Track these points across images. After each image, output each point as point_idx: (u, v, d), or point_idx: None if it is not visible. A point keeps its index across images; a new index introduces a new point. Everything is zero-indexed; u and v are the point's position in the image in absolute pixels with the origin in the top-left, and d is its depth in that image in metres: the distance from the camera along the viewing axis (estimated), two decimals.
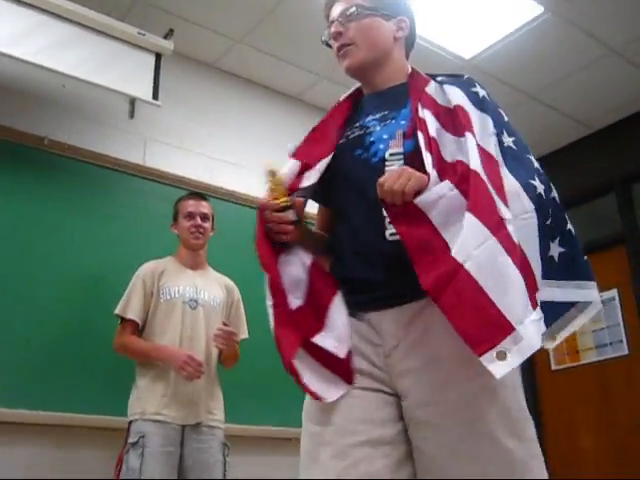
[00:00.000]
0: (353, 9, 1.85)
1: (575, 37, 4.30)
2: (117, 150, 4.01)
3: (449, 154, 1.60)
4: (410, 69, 1.93)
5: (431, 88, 1.78)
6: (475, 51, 4.42)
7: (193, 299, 3.27)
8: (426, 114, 1.68)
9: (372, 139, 1.76)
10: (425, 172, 1.56)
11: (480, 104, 1.71)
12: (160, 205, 3.83)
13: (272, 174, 1.72)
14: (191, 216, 3.38)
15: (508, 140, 1.69)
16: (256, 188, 2.33)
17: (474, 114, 1.67)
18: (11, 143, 3.64)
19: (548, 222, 1.62)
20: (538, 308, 1.49)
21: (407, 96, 1.79)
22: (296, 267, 1.74)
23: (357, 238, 1.72)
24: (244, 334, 3.41)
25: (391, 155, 1.69)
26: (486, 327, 1.40)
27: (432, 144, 1.61)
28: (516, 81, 4.72)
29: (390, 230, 1.62)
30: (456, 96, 1.71)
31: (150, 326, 3.22)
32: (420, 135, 1.64)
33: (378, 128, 1.77)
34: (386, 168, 1.67)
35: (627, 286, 4.89)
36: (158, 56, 3.99)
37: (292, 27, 4.20)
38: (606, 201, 5.28)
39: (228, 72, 4.68)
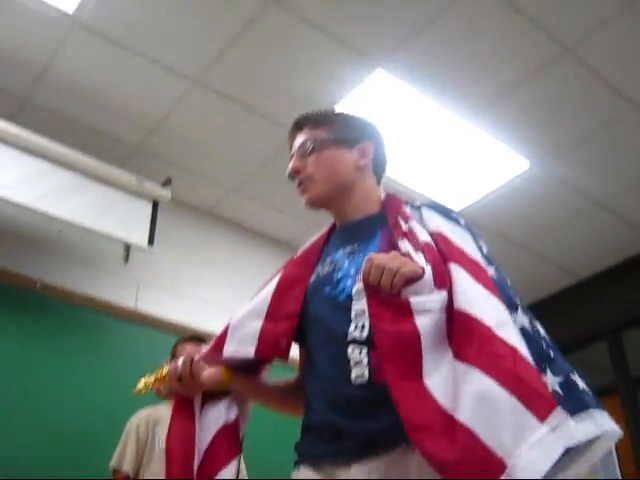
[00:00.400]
0: (309, 143, 1.80)
1: (561, 190, 4.44)
2: (110, 294, 4.03)
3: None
4: (383, 195, 1.83)
5: (408, 207, 1.71)
6: (464, 204, 4.54)
7: None
8: (413, 225, 1.60)
9: (340, 275, 1.65)
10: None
11: (460, 226, 1.65)
12: (152, 350, 3.80)
13: (144, 388, 1.81)
14: None
15: (490, 268, 1.56)
16: None
17: (455, 235, 1.58)
18: (4, 285, 3.66)
19: (552, 354, 1.43)
20: (552, 416, 1.25)
21: (378, 226, 1.69)
22: (210, 423, 1.73)
23: (322, 381, 1.59)
24: None
25: (357, 292, 1.55)
26: (477, 475, 1.21)
27: (426, 248, 1.51)
28: (504, 231, 4.83)
29: (356, 372, 1.49)
30: (435, 221, 1.63)
31: (143, 476, 3.09)
32: (405, 242, 1.54)
33: (346, 264, 1.67)
34: (353, 306, 1.55)
35: (623, 436, 4.77)
36: (155, 203, 4.10)
37: (286, 179, 4.32)
38: (597, 349, 5.28)
39: (223, 218, 4.78)
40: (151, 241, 3.97)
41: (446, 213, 1.68)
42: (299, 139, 1.84)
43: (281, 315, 1.71)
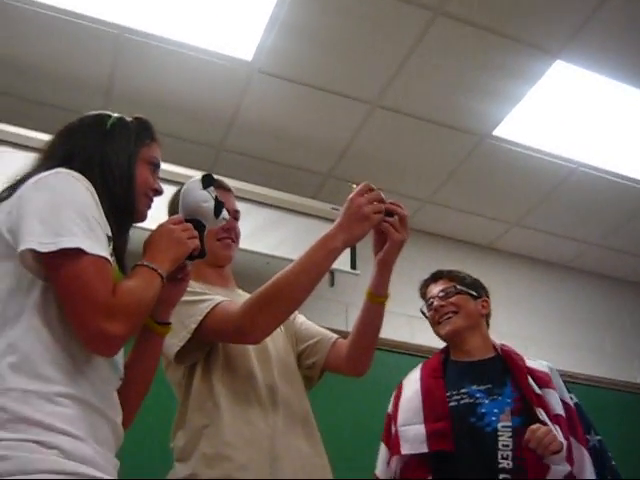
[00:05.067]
0: (451, 288, 2.44)
1: None
2: (320, 318, 4.05)
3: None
4: (497, 343, 2.39)
5: (532, 363, 2.29)
6: None
7: None
8: (548, 393, 2.17)
9: (483, 410, 2.15)
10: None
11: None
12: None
13: None
14: None
15: (594, 438, 2.22)
16: None
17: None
18: None
19: None
20: None
21: (504, 372, 2.25)
22: None
23: None
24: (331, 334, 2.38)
25: (503, 427, 2.09)
26: None
27: (560, 420, 2.08)
28: None
29: None
30: (563, 393, 2.25)
31: None
32: (541, 411, 2.08)
33: (487, 401, 2.17)
34: (499, 438, 2.07)
35: None
36: None
37: (476, 182, 4.31)
38: None
39: (422, 231, 4.78)
40: (353, 265, 4.07)
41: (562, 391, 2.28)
42: (438, 286, 2.51)
43: (435, 418, 2.19)
